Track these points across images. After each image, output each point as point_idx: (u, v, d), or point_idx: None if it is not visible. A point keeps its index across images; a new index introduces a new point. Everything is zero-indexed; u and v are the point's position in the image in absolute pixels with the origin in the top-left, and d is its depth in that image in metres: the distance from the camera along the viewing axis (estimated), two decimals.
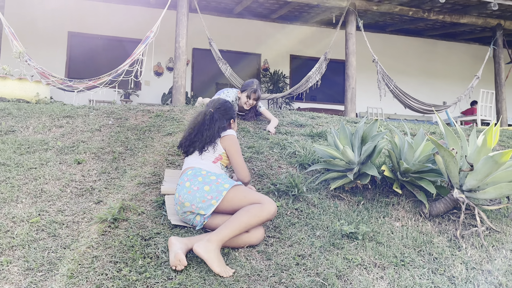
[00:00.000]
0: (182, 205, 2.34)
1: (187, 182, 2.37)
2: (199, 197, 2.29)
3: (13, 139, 3.27)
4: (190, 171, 2.44)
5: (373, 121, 2.85)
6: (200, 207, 2.29)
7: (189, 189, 2.33)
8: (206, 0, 9.09)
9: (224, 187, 2.30)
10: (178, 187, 2.41)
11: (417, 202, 2.77)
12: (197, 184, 2.33)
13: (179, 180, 2.46)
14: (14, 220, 2.33)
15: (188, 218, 2.37)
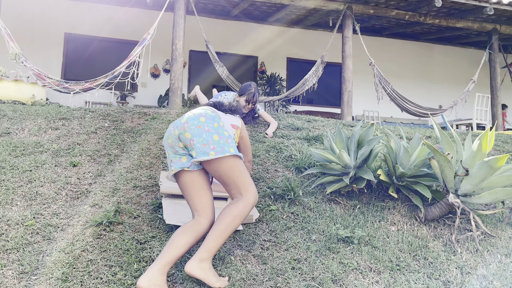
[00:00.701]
0: (182, 133, 2.13)
1: (202, 117, 2.16)
2: (204, 138, 2.09)
3: (8, 141, 3.25)
4: (210, 112, 2.25)
5: (369, 125, 2.86)
6: (197, 147, 2.08)
7: (200, 125, 2.12)
8: (203, 2, 9.09)
9: (230, 150, 2.10)
10: (192, 115, 2.20)
11: (412, 207, 2.78)
12: (211, 127, 2.14)
13: (195, 110, 2.27)
14: (8, 223, 2.32)
15: (173, 155, 2.18)
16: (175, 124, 2.22)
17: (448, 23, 8.66)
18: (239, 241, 2.35)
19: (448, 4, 7.92)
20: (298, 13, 9.55)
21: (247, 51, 10.28)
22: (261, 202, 2.72)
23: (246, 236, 2.40)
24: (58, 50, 9.21)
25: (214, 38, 9.21)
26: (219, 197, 2.67)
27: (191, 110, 2.30)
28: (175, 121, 2.25)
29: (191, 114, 2.21)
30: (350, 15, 8.06)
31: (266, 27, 10.46)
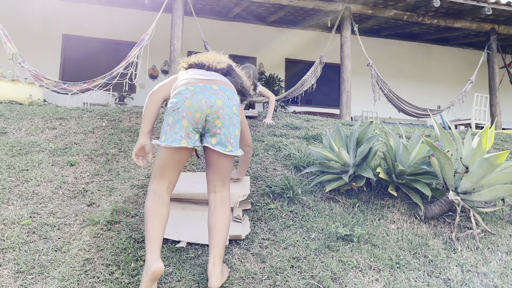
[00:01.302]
0: (215, 118, 2.01)
1: (234, 107, 2.08)
2: (230, 132, 2.05)
3: (5, 141, 3.22)
4: (236, 96, 2.17)
5: (368, 123, 2.84)
6: (220, 137, 2.03)
7: (232, 116, 2.06)
8: (201, 3, 9.08)
9: (238, 153, 2.10)
10: (227, 100, 2.06)
11: (412, 205, 2.76)
12: (237, 120, 2.10)
13: (226, 89, 2.12)
14: (4, 222, 2.30)
15: (192, 130, 2.01)
16: (209, 101, 2.01)
17: (446, 23, 8.67)
18: (238, 239, 2.33)
19: (446, 4, 7.93)
20: (297, 14, 9.55)
21: (246, 52, 10.27)
22: (259, 201, 2.70)
23: None
24: (56, 51, 9.18)
25: (212, 39, 9.19)
26: None
27: (221, 83, 2.13)
28: (207, 96, 2.01)
29: (226, 99, 2.06)
30: (349, 16, 8.06)
31: (265, 28, 10.45)
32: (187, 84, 2.06)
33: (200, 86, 2.04)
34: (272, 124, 4.12)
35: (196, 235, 2.32)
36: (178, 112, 2.00)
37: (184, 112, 1.99)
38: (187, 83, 2.07)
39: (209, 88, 2.05)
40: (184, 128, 2.00)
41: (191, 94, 2.01)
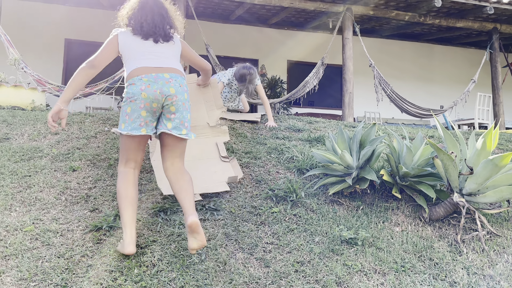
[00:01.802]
0: (169, 104, 2.22)
1: (186, 94, 2.31)
2: (184, 116, 2.28)
3: (8, 147, 3.23)
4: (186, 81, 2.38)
5: (371, 125, 2.83)
6: (175, 122, 2.25)
7: (184, 101, 2.29)
8: (203, 6, 9.09)
9: (192, 136, 2.34)
10: (179, 88, 2.27)
11: (417, 207, 2.74)
12: (188, 105, 2.35)
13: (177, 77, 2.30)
14: (7, 229, 2.29)
15: (151, 118, 2.22)
16: (163, 91, 2.21)
17: (448, 23, 8.64)
18: (241, 243, 2.32)
19: (448, 4, 7.91)
20: (298, 15, 9.54)
21: (248, 54, 10.26)
22: (262, 205, 2.69)
23: (248, 239, 2.36)
24: (58, 56, 9.21)
25: (214, 41, 9.19)
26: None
27: (172, 71, 2.31)
28: (161, 86, 2.21)
29: (178, 87, 2.27)
30: (350, 17, 8.04)
31: (266, 30, 10.45)
32: (139, 74, 2.23)
33: (153, 76, 2.23)
34: (275, 126, 4.11)
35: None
36: (135, 103, 2.19)
37: (142, 103, 2.19)
38: (140, 72, 2.24)
39: (162, 78, 2.24)
40: (143, 117, 2.21)
41: (146, 85, 2.20)
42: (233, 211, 2.61)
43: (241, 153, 3.36)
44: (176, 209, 2.58)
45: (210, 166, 3.00)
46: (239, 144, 3.53)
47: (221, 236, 2.37)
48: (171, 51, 2.40)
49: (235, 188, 2.88)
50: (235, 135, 3.70)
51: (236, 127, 3.91)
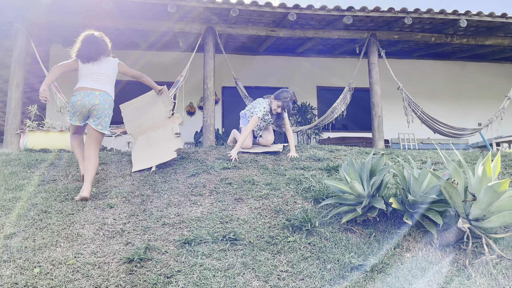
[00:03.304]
0: (93, 110, 3.73)
1: (107, 104, 3.82)
2: (102, 118, 3.77)
3: (54, 188, 3.63)
4: (110, 100, 3.90)
5: (380, 155, 2.98)
6: (95, 120, 3.74)
7: (104, 110, 3.78)
8: (232, 41, 9.57)
9: (105, 132, 3.82)
10: (102, 100, 3.77)
11: (427, 232, 2.84)
12: (108, 113, 3.85)
13: (102, 95, 3.82)
14: (53, 263, 2.62)
15: (81, 117, 3.76)
16: (91, 102, 3.70)
17: (477, 42, 8.59)
18: (257, 272, 2.52)
19: (474, 23, 7.91)
20: (324, 43, 9.80)
21: (277, 83, 10.61)
22: (279, 234, 2.88)
23: (264, 268, 2.56)
24: None
25: (244, 73, 9.61)
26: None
27: (101, 90, 3.82)
28: (90, 99, 3.71)
29: (101, 100, 3.75)
30: (375, 42, 8.20)
31: (294, 58, 10.78)
32: (80, 89, 3.76)
33: (88, 92, 3.74)
34: (296, 157, 4.32)
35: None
36: (74, 107, 3.72)
37: (77, 108, 3.71)
38: (80, 88, 3.77)
39: (93, 93, 3.74)
40: (77, 116, 3.75)
41: (82, 97, 3.71)
42: (251, 241, 2.83)
43: (261, 184, 3.59)
44: (199, 241, 2.83)
45: (168, 143, 4.43)
46: (260, 176, 3.76)
47: (239, 265, 2.58)
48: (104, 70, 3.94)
49: (255, 219, 3.11)
50: (257, 167, 3.94)
51: (258, 159, 4.15)
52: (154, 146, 4.44)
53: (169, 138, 4.47)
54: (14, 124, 6.51)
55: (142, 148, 4.46)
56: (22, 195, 3.48)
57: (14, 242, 2.80)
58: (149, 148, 4.44)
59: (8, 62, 10.12)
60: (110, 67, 3.96)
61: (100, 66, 3.88)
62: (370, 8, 7.42)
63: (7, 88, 11.91)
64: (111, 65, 3.99)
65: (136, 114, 4.72)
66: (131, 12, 7.33)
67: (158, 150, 4.36)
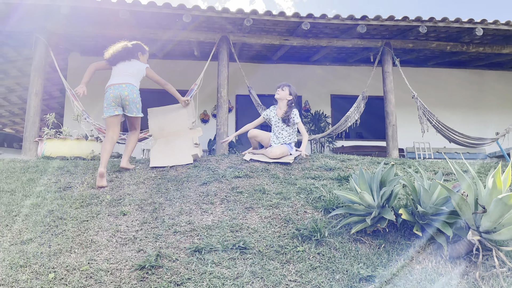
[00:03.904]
0: (125, 99, 4.54)
1: (135, 94, 4.64)
2: (134, 105, 4.59)
3: (70, 195, 3.73)
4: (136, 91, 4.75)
5: (390, 165, 2.98)
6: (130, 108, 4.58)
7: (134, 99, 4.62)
8: (246, 50, 9.66)
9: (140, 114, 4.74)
10: (131, 92, 4.58)
11: (437, 244, 2.82)
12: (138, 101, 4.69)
13: (131, 87, 4.65)
14: (67, 268, 2.69)
15: (116, 106, 4.54)
16: (120, 93, 4.50)
17: (493, 50, 8.49)
18: (266, 281, 2.54)
19: (491, 32, 7.83)
20: (338, 51, 9.81)
21: None
22: (289, 244, 2.90)
23: (273, 277, 2.58)
24: None
25: (257, 81, 9.67)
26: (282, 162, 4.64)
27: (127, 82, 4.62)
28: (120, 90, 4.52)
29: (130, 91, 4.55)
30: (389, 51, 8.19)
31: (308, 66, 10.81)
32: (110, 86, 4.56)
33: (116, 86, 4.52)
34: (307, 155, 4.46)
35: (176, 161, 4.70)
36: (108, 100, 4.51)
37: (111, 100, 4.49)
38: (110, 85, 4.58)
39: (121, 86, 4.52)
40: (113, 107, 4.50)
41: (112, 90, 4.50)
42: (261, 250, 2.85)
43: (272, 193, 3.61)
44: (209, 249, 2.87)
45: (186, 150, 4.85)
46: (271, 185, 3.79)
47: (248, 274, 2.61)
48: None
49: (264, 228, 3.13)
50: (268, 176, 3.97)
51: (270, 168, 4.19)
52: (172, 149, 4.86)
53: (188, 146, 4.86)
54: (32, 132, 6.69)
55: (161, 148, 4.89)
56: (39, 201, 3.58)
57: (30, 248, 2.89)
58: (168, 150, 4.83)
59: (27, 71, 10.42)
60: (137, 69, 4.73)
61: (128, 66, 4.70)
62: (384, 17, 7.42)
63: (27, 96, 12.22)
64: (139, 68, 4.76)
65: (161, 119, 5.16)
66: (147, 22, 7.48)
67: (176, 153, 4.78)
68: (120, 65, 4.68)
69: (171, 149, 4.84)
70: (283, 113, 5.02)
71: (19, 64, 10.17)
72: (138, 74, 4.72)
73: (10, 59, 9.85)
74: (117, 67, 4.69)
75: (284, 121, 4.97)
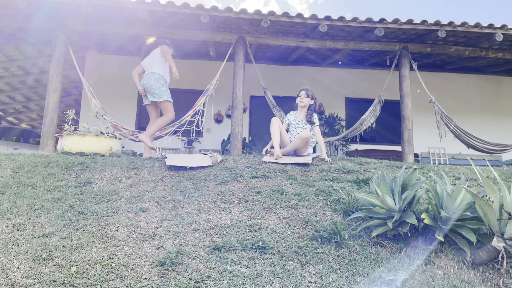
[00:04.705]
0: (148, 87, 5.63)
1: (152, 81, 5.66)
2: (153, 91, 5.62)
3: (90, 190, 3.76)
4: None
5: (412, 169, 2.96)
6: (154, 91, 5.60)
7: (154, 86, 5.66)
8: (262, 51, 9.67)
9: (162, 97, 5.71)
10: (153, 82, 5.63)
11: (460, 250, 2.79)
12: (155, 86, 5.67)
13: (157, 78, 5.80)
14: (89, 262, 2.72)
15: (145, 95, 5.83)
16: (144, 83, 5.53)
17: None
18: (286, 281, 2.54)
19: (510, 38, 7.73)
20: (354, 54, 9.77)
21: None
22: (308, 245, 2.90)
23: (293, 278, 2.58)
24: (132, 103, 10.19)
25: (272, 83, 9.67)
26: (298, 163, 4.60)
27: (150, 72, 5.79)
28: (143, 81, 5.64)
29: (148, 79, 5.56)
30: (406, 55, 8.13)
31: (323, 69, 10.78)
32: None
33: (143, 78, 5.60)
34: (329, 160, 4.49)
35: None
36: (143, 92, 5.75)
37: (143, 92, 5.69)
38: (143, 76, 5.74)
39: (145, 77, 5.56)
40: (144, 97, 5.68)
41: (142, 82, 5.57)
42: (280, 250, 2.85)
43: (290, 194, 3.61)
44: (229, 247, 2.87)
45: (207, 157, 4.83)
46: (289, 186, 3.79)
47: (268, 274, 2.61)
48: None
49: (283, 228, 3.13)
50: (286, 177, 3.97)
51: (287, 169, 4.18)
52: (191, 156, 5.06)
53: (207, 157, 4.93)
54: (51, 128, 6.78)
55: (179, 156, 5.04)
56: (59, 196, 3.62)
57: (52, 241, 2.92)
58: (186, 157, 4.93)
59: (45, 68, 10.56)
60: (155, 54, 5.67)
61: (150, 56, 5.67)
62: (403, 20, 7.37)
63: (44, 92, 12.38)
64: (156, 52, 5.68)
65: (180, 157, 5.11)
66: (165, 21, 7.53)
67: (194, 157, 4.90)
68: (144, 62, 5.64)
69: (189, 157, 4.94)
70: (305, 116, 5.17)
71: (37, 61, 10.32)
72: (157, 58, 5.51)
73: (29, 56, 10.00)
74: (144, 61, 5.67)
75: (307, 121, 5.13)
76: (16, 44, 9.17)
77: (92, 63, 10.01)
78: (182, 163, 4.42)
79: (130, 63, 10.13)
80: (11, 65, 10.26)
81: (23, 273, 2.59)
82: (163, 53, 5.69)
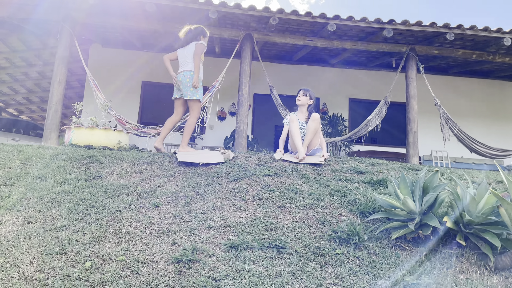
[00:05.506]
0: (179, 84, 5.33)
1: (186, 79, 5.33)
2: (186, 90, 5.28)
3: (100, 184, 3.69)
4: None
5: (434, 171, 2.91)
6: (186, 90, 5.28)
7: (186, 83, 5.32)
8: (267, 49, 9.61)
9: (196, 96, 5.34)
10: (183, 80, 5.33)
11: (482, 255, 2.74)
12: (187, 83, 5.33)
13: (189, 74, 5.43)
14: (103, 258, 2.65)
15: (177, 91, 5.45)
16: (179, 81, 5.30)
17: None
18: (306, 282, 2.48)
19: None
20: (360, 55, 9.74)
21: None
22: (326, 246, 2.84)
23: (313, 279, 2.52)
24: (135, 97, 10.10)
25: (277, 81, 9.61)
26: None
27: (184, 69, 5.40)
28: (178, 78, 5.35)
29: (182, 76, 5.30)
30: (414, 56, 8.10)
31: (327, 69, 10.74)
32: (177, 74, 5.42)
33: (178, 73, 5.34)
34: (327, 157, 4.43)
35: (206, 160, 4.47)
36: (175, 84, 5.39)
37: (176, 86, 5.38)
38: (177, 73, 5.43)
39: (179, 75, 5.30)
40: (174, 91, 5.44)
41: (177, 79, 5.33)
42: (298, 251, 2.80)
43: (304, 194, 3.55)
44: (245, 246, 2.81)
45: (218, 154, 4.77)
46: (303, 185, 3.73)
47: (287, 274, 2.55)
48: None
49: (299, 228, 3.08)
50: (299, 176, 3.91)
51: (299, 168, 4.13)
52: (202, 153, 4.95)
53: (218, 153, 4.87)
54: (54, 120, 6.68)
55: (190, 152, 4.92)
56: (70, 189, 3.55)
57: (65, 235, 2.85)
58: (197, 153, 4.84)
59: (48, 60, 10.44)
60: (190, 49, 5.35)
61: (185, 50, 5.38)
62: (412, 22, 7.33)
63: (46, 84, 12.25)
64: (191, 47, 5.35)
65: (192, 154, 5.00)
66: (172, 16, 7.45)
67: (206, 154, 4.79)
68: (180, 50, 5.43)
69: (200, 153, 4.84)
70: (306, 117, 5.07)
71: (41, 53, 10.20)
72: (191, 53, 5.31)
73: (33, 47, 9.88)
74: (178, 52, 5.45)
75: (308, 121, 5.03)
76: (20, 35, 9.05)
77: (95, 57, 9.91)
78: (194, 159, 4.33)
79: (134, 58, 10.04)
80: (14, 56, 10.13)
81: (36, 267, 2.52)
82: (195, 53, 5.28)
